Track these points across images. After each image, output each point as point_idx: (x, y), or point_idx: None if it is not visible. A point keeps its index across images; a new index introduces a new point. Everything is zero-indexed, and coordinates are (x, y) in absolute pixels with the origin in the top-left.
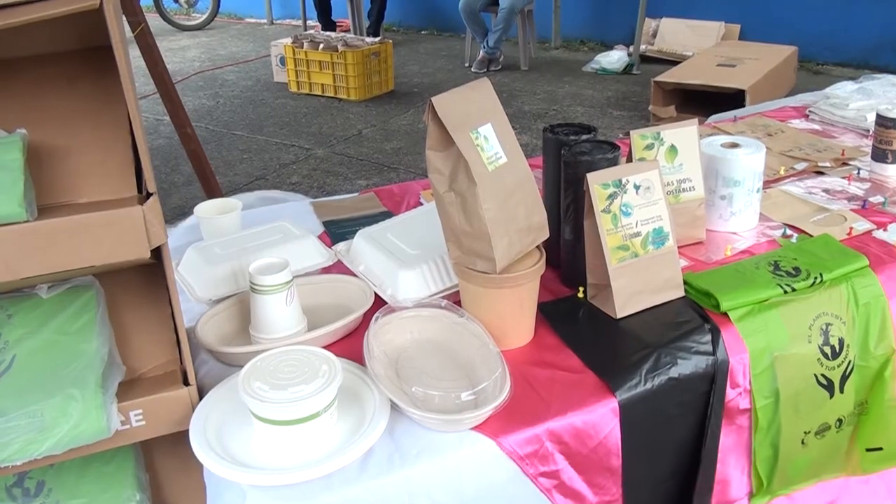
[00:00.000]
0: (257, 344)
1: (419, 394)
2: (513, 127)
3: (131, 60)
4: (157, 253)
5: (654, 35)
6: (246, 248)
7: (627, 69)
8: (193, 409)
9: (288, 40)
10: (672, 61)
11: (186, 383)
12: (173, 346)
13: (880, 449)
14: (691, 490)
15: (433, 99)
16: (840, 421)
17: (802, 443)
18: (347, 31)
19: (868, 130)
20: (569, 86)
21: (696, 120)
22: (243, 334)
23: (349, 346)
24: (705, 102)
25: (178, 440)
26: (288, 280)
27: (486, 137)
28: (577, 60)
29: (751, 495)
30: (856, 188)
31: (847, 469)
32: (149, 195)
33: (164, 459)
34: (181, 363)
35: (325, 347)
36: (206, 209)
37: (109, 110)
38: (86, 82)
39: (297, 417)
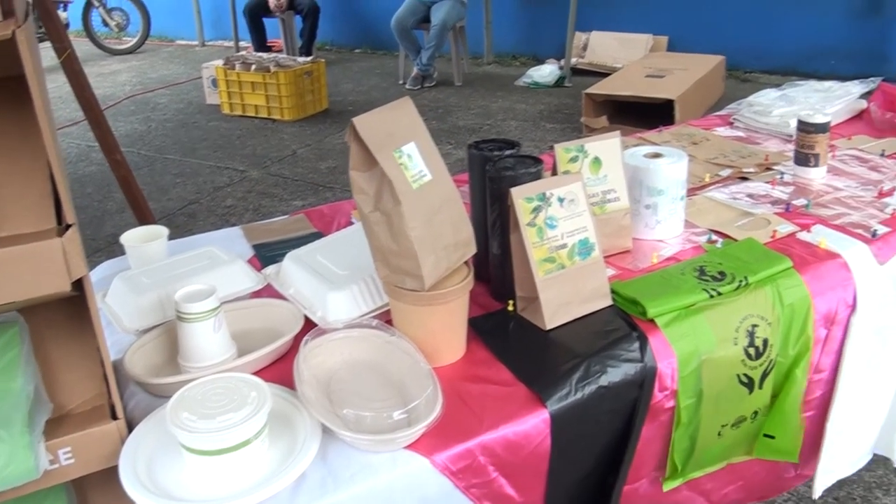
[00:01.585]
0: (186, 373)
1: (351, 416)
2: (448, 142)
3: (59, 86)
4: (81, 285)
5: (585, 48)
6: (173, 276)
7: (559, 82)
8: (123, 443)
9: (219, 62)
10: (602, 73)
11: (115, 417)
12: (101, 380)
13: (772, 437)
14: (608, 482)
15: (354, 119)
16: (756, 413)
17: (719, 434)
18: (280, 51)
19: (791, 136)
20: (502, 100)
21: (618, 132)
22: (172, 364)
23: (281, 370)
24: (636, 112)
25: (112, 476)
26: (215, 307)
27: (409, 156)
28: (509, 75)
29: (663, 478)
30: (780, 192)
31: (752, 452)
32: (68, 227)
33: (99, 497)
34: (109, 397)
35: (257, 373)
36: (133, 237)
37: (27, 141)
38: (2, 113)
39: (226, 446)
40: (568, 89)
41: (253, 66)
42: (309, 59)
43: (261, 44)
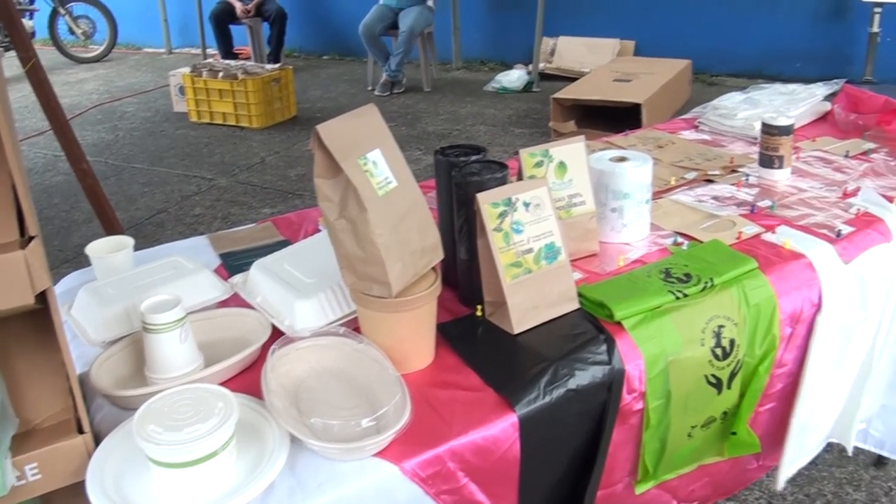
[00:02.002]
0: (153, 385)
1: (318, 424)
2: (417, 148)
3: (26, 95)
4: (45, 297)
5: (552, 53)
6: (139, 287)
7: (527, 87)
8: (90, 457)
9: (187, 69)
10: (570, 78)
11: (81, 431)
12: (68, 394)
13: (734, 433)
14: (581, 485)
15: (318, 127)
16: (725, 413)
17: (689, 435)
18: (248, 58)
19: (756, 138)
20: (471, 105)
21: (582, 137)
22: (139, 376)
23: (248, 380)
24: (604, 116)
25: (81, 491)
26: (181, 317)
27: (374, 163)
28: (478, 80)
29: (635, 481)
30: (745, 194)
31: (723, 453)
32: (30, 239)
33: None
34: (76, 411)
35: (224, 383)
36: (98, 248)
37: None
38: None
39: (193, 458)
40: (536, 94)
41: (220, 74)
42: (277, 66)
43: (227, 51)
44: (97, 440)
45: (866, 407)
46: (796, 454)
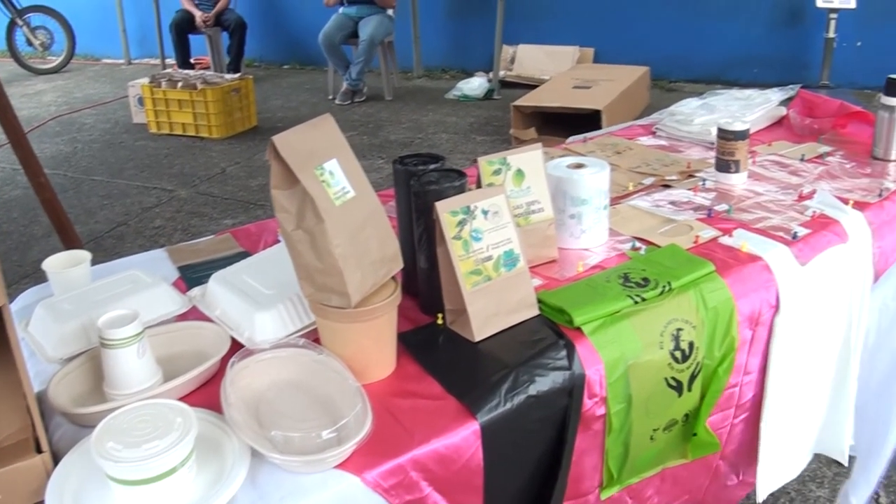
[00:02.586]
0: (111, 401)
1: (279, 437)
2: (379, 157)
3: None
4: (0, 314)
5: (512, 61)
6: (96, 302)
7: (488, 95)
8: (49, 477)
9: (146, 80)
10: (530, 85)
11: (39, 451)
12: (26, 412)
13: (695, 434)
14: (546, 493)
15: (274, 138)
16: (687, 416)
17: (651, 438)
18: (207, 68)
19: (712, 143)
20: (433, 113)
21: (539, 144)
22: (98, 392)
23: (208, 394)
24: (564, 122)
25: None
26: (138, 332)
27: (331, 173)
28: (439, 88)
29: (601, 487)
30: (702, 198)
31: (687, 455)
32: None
33: None
34: (34, 430)
35: (184, 398)
36: (55, 263)
37: None
38: None
39: (153, 475)
40: (497, 101)
41: (180, 84)
42: (237, 75)
43: (184, 60)
44: (56, 459)
45: (852, 417)
46: (774, 464)
